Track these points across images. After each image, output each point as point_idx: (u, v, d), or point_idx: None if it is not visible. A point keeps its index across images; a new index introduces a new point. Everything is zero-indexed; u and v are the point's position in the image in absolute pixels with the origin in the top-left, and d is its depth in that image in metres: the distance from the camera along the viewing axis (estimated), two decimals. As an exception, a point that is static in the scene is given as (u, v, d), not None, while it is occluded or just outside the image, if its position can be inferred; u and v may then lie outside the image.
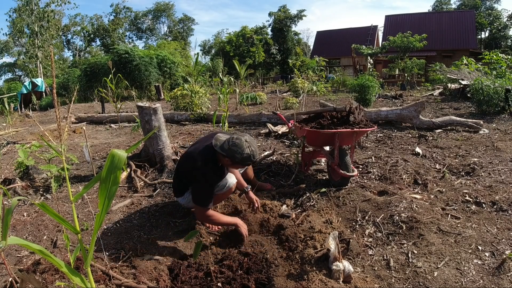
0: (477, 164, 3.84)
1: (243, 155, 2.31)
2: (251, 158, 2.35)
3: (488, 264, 2.08)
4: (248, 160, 2.34)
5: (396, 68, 20.30)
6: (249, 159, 2.34)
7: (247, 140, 2.35)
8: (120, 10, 44.28)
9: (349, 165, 3.21)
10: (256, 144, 2.42)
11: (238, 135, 2.39)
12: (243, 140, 2.34)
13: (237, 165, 2.45)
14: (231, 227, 2.57)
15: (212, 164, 2.43)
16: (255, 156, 2.37)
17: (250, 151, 2.33)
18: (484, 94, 7.40)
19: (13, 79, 33.46)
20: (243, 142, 2.33)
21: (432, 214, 2.66)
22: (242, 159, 2.32)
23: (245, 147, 2.32)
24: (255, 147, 2.38)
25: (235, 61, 11.89)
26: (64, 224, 1.33)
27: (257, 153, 2.38)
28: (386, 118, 6.63)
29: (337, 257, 2.00)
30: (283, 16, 38.35)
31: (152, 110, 4.10)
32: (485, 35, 43.60)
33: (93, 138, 6.85)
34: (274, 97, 14.07)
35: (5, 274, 2.17)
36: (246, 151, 2.31)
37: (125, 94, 17.11)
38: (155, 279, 2.06)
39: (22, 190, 3.60)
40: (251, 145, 2.35)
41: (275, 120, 7.08)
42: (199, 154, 2.45)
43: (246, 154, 2.31)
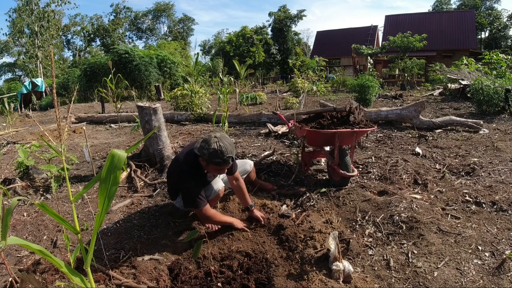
0: (477, 164, 3.84)
1: (209, 150, 2.17)
2: (219, 154, 2.17)
3: (488, 264, 2.08)
4: (216, 156, 2.17)
5: (396, 68, 20.31)
6: (216, 155, 2.17)
7: (216, 136, 2.22)
8: (120, 10, 44.30)
9: (349, 165, 3.21)
10: (230, 142, 2.26)
11: (213, 132, 2.32)
12: (212, 136, 2.22)
13: (210, 165, 2.26)
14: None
15: (193, 169, 2.34)
16: (223, 153, 2.17)
17: (217, 146, 2.16)
18: (484, 94, 7.40)
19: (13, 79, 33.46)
20: (211, 137, 2.21)
21: (432, 214, 2.66)
22: (209, 155, 2.17)
23: (212, 142, 2.18)
24: (227, 143, 2.21)
25: (235, 61, 11.89)
26: (64, 224, 1.33)
27: (228, 150, 2.19)
28: (386, 118, 6.63)
29: (337, 257, 2.00)
30: (283, 16, 38.36)
31: (152, 110, 4.10)
32: (485, 35, 43.61)
33: (93, 138, 6.85)
34: (274, 97, 14.07)
35: (5, 274, 2.17)
36: (213, 146, 2.16)
37: (125, 94, 17.11)
38: (155, 279, 2.06)
39: (22, 190, 3.60)
40: (221, 140, 2.19)
41: (275, 120, 7.08)
42: (182, 159, 2.41)
43: (212, 149, 2.16)
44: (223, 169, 2.32)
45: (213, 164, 2.21)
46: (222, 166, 2.23)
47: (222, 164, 2.20)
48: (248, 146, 5.37)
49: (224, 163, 2.21)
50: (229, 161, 2.21)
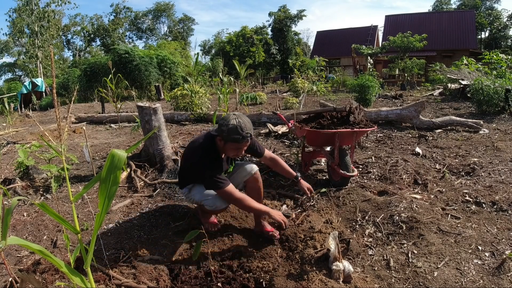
0: (477, 164, 3.84)
1: (228, 126, 2.10)
2: (238, 130, 2.09)
3: (488, 264, 2.08)
4: (235, 132, 2.10)
5: (396, 68, 20.31)
6: (236, 130, 2.09)
7: (235, 113, 2.19)
8: (120, 10, 44.29)
9: (349, 165, 3.21)
10: (249, 120, 2.19)
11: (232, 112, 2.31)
12: (230, 114, 2.18)
13: (229, 144, 2.18)
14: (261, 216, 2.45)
15: (209, 152, 2.27)
16: (242, 128, 2.10)
17: (236, 122, 2.11)
18: (484, 94, 7.40)
19: (13, 79, 33.46)
20: (230, 115, 2.16)
21: (432, 214, 2.66)
22: (228, 131, 2.10)
23: (231, 118, 2.13)
24: (246, 121, 2.15)
25: (235, 61, 11.89)
26: (64, 224, 1.33)
27: (247, 126, 2.12)
28: (386, 118, 6.63)
29: (337, 257, 2.00)
30: (283, 16, 38.36)
31: (152, 110, 4.10)
32: (485, 35, 43.61)
33: (93, 138, 6.85)
34: (274, 97, 14.07)
35: (5, 274, 2.17)
36: (232, 122, 2.11)
37: (125, 94, 17.11)
38: (155, 279, 2.06)
39: (22, 190, 3.60)
40: (240, 117, 2.15)
41: (275, 120, 7.09)
42: (198, 144, 2.35)
43: (231, 125, 2.10)
44: (242, 148, 2.23)
45: (232, 141, 2.13)
46: (241, 142, 2.15)
47: (241, 140, 2.12)
48: (248, 146, 5.37)
49: (243, 140, 2.13)
50: (247, 137, 2.14)
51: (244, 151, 2.34)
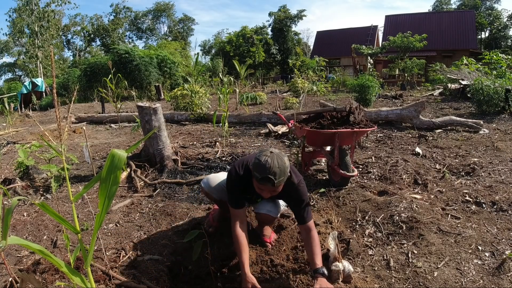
0: (477, 164, 3.84)
1: (256, 160, 1.89)
2: (260, 169, 1.84)
3: (488, 264, 2.08)
4: (257, 169, 1.87)
5: (396, 68, 20.32)
6: (258, 168, 1.86)
7: (272, 151, 1.92)
8: (120, 10, 44.27)
9: (349, 165, 3.21)
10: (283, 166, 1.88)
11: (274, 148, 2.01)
12: (268, 150, 1.95)
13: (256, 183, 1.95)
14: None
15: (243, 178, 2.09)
16: (265, 170, 1.83)
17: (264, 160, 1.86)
18: (484, 94, 7.41)
19: (13, 79, 33.46)
20: (267, 150, 1.94)
21: (432, 214, 2.66)
22: (253, 165, 1.90)
23: (263, 154, 1.90)
24: (276, 164, 1.85)
25: (235, 61, 11.90)
26: (64, 224, 1.33)
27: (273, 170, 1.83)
28: (386, 118, 6.63)
29: (337, 257, 2.00)
30: (283, 16, 38.34)
31: (152, 110, 4.10)
32: (485, 35, 43.58)
33: (93, 138, 6.85)
34: (274, 97, 14.07)
35: (5, 274, 2.17)
36: (261, 158, 1.87)
37: (125, 94, 17.11)
38: (155, 279, 2.06)
39: (22, 190, 3.60)
40: (273, 158, 1.86)
41: (275, 120, 7.09)
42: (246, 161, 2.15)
43: (258, 160, 1.87)
44: (262, 189, 1.95)
45: (254, 177, 1.92)
46: (261, 184, 1.89)
47: (259, 180, 1.87)
48: (248, 146, 5.37)
49: (262, 182, 1.86)
50: (266, 181, 1.85)
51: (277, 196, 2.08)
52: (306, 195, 2.13)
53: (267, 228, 2.49)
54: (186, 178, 3.84)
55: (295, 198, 2.08)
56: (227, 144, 5.52)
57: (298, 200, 2.08)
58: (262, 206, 2.41)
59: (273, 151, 1.93)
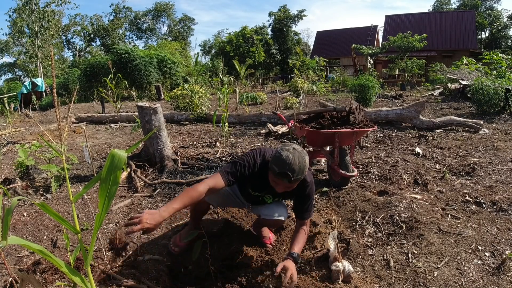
0: (477, 164, 3.84)
1: (276, 154, 1.86)
2: (279, 163, 1.81)
3: (488, 264, 2.08)
4: (276, 162, 1.83)
5: (396, 68, 20.33)
6: (278, 162, 1.82)
7: (295, 148, 1.88)
8: (120, 10, 44.27)
9: (349, 165, 3.21)
10: (303, 163, 1.85)
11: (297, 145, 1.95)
12: (291, 146, 1.90)
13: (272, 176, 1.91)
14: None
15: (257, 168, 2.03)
16: (285, 165, 1.79)
17: (285, 155, 1.81)
18: (484, 94, 7.41)
19: (13, 79, 33.46)
20: (290, 146, 1.89)
21: (432, 214, 2.66)
22: (273, 158, 1.87)
23: (285, 149, 1.85)
24: (297, 161, 1.82)
25: (235, 61, 11.89)
26: (64, 224, 1.33)
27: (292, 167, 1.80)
28: (386, 118, 6.64)
29: (337, 257, 2.00)
30: (283, 16, 38.35)
31: (152, 110, 4.10)
32: (485, 35, 43.58)
33: (93, 138, 6.85)
34: (274, 97, 14.07)
35: (5, 274, 2.17)
36: (282, 153, 1.83)
37: (125, 94, 17.11)
38: (155, 279, 2.06)
39: (22, 190, 3.60)
40: (295, 154, 1.83)
41: (275, 120, 7.09)
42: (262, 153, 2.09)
43: (279, 154, 1.83)
44: (277, 183, 1.92)
45: (271, 170, 1.88)
46: (276, 177, 1.85)
47: (276, 174, 1.84)
48: (248, 146, 5.37)
49: (278, 175, 1.83)
50: (283, 177, 1.82)
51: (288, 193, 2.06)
52: (313, 195, 2.17)
53: (265, 230, 2.47)
54: (186, 178, 3.84)
55: (304, 196, 2.09)
56: (227, 144, 5.52)
57: (306, 198, 2.10)
58: (270, 211, 2.28)
59: (295, 148, 1.89)
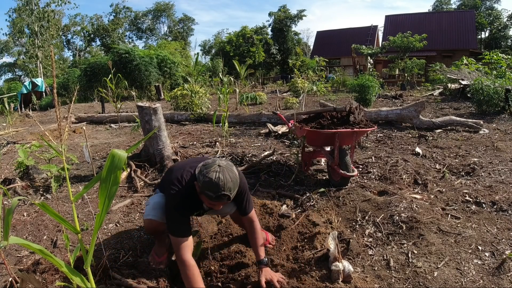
0: (477, 164, 3.84)
1: (205, 179, 1.75)
2: (213, 187, 1.73)
3: (488, 264, 2.08)
4: (209, 188, 1.74)
5: (396, 68, 20.32)
6: (211, 187, 1.74)
7: (220, 165, 1.80)
8: (120, 10, 44.27)
9: (349, 165, 3.21)
10: (235, 176, 1.81)
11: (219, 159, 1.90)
12: (215, 163, 1.81)
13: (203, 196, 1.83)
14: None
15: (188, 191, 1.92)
16: (219, 187, 1.72)
17: (215, 177, 1.73)
18: (484, 94, 7.41)
19: (13, 79, 33.46)
20: (214, 164, 1.80)
21: (432, 214, 2.66)
22: (203, 184, 1.76)
23: (212, 170, 1.77)
24: (229, 178, 1.76)
25: (235, 61, 11.90)
26: (64, 224, 1.33)
27: (227, 186, 1.74)
28: (386, 118, 6.63)
29: (337, 257, 2.00)
30: (283, 16, 38.34)
31: (152, 110, 4.10)
32: (485, 35, 43.58)
33: (93, 138, 6.85)
34: (274, 97, 14.07)
35: (5, 274, 2.17)
36: (210, 175, 1.74)
37: (125, 94, 17.11)
38: (155, 279, 2.06)
39: (22, 190, 3.60)
40: (223, 172, 1.76)
41: (275, 120, 7.09)
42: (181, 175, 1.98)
43: (208, 178, 1.74)
44: (215, 205, 1.87)
45: (205, 195, 1.80)
46: (214, 201, 1.80)
47: (214, 199, 1.78)
48: (248, 146, 5.37)
49: (217, 199, 1.78)
50: (223, 199, 1.78)
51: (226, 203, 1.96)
52: (246, 187, 2.09)
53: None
54: (186, 178, 3.84)
55: (240, 195, 2.03)
56: (227, 144, 5.52)
57: (243, 196, 2.07)
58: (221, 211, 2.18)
59: (220, 164, 1.81)
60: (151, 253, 2.25)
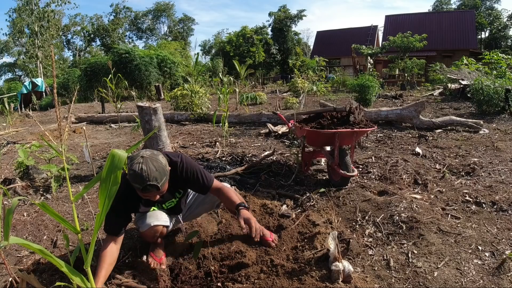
0: (477, 164, 3.84)
1: (130, 172, 1.75)
2: (138, 179, 1.73)
3: (488, 264, 2.08)
4: (135, 180, 1.74)
5: (396, 68, 20.32)
6: (135, 179, 1.73)
7: (144, 155, 1.78)
8: (120, 10, 44.31)
9: (349, 165, 3.21)
10: (161, 166, 1.80)
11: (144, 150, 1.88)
12: (138, 155, 1.79)
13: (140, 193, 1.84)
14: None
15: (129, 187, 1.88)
16: (143, 178, 1.72)
17: (138, 168, 1.72)
18: (484, 94, 7.41)
19: (13, 79, 33.46)
20: (137, 156, 1.78)
21: (432, 214, 2.66)
22: (130, 177, 1.77)
23: (135, 162, 1.75)
24: (153, 168, 1.75)
25: (235, 61, 11.90)
26: (64, 224, 1.33)
27: (152, 176, 1.73)
28: (386, 118, 6.63)
29: (337, 257, 2.00)
30: (283, 16, 38.35)
31: (152, 110, 4.10)
32: (485, 35, 43.61)
33: (93, 138, 6.85)
34: (274, 97, 14.07)
35: (5, 274, 2.17)
36: (133, 167, 1.73)
37: (125, 94, 17.11)
38: (155, 279, 2.06)
39: (22, 190, 3.60)
40: (146, 163, 1.74)
41: (275, 120, 7.09)
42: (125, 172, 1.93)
43: (132, 171, 1.74)
44: (150, 195, 1.86)
45: (136, 189, 1.81)
46: (145, 192, 1.80)
47: (142, 191, 1.78)
48: (248, 146, 5.37)
49: (145, 191, 1.77)
50: (150, 189, 1.76)
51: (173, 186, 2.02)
52: (195, 166, 2.07)
53: (261, 228, 2.44)
54: (186, 178, 3.84)
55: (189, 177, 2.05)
56: (227, 144, 5.52)
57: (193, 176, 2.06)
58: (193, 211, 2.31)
59: (143, 155, 1.79)
60: (149, 255, 2.26)
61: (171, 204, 2.26)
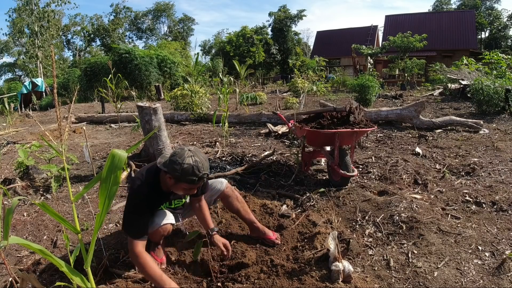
0: (477, 164, 3.84)
1: (183, 166, 1.82)
2: (194, 171, 1.83)
3: (488, 264, 2.08)
4: (190, 173, 1.83)
5: (396, 68, 20.31)
6: (192, 171, 1.83)
7: (190, 149, 1.90)
8: (120, 10, 44.27)
9: (349, 165, 3.22)
10: (205, 156, 1.94)
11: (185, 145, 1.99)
12: (185, 150, 1.89)
13: (181, 184, 1.89)
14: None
15: (150, 188, 1.96)
16: (200, 169, 1.84)
17: (193, 161, 1.83)
18: (484, 94, 7.41)
19: (13, 79, 33.46)
20: (185, 151, 1.88)
21: (432, 214, 2.66)
22: (182, 172, 1.82)
23: (186, 156, 1.84)
24: (202, 159, 1.89)
25: (235, 61, 11.90)
26: (64, 224, 1.33)
27: (204, 166, 1.87)
28: (386, 118, 6.63)
29: (337, 257, 2.00)
30: (283, 16, 38.32)
31: (152, 110, 4.10)
32: (485, 35, 43.59)
33: (93, 138, 6.85)
34: (274, 97, 14.07)
35: (5, 274, 2.17)
36: (187, 161, 1.83)
37: (125, 94, 17.10)
38: (155, 279, 2.06)
39: (22, 190, 3.60)
40: (196, 155, 1.87)
41: (275, 120, 7.09)
42: (141, 173, 2.02)
43: (186, 164, 1.82)
44: (195, 188, 1.98)
45: (187, 182, 1.86)
46: (196, 184, 1.91)
47: (196, 182, 1.88)
48: (248, 146, 5.37)
49: (200, 181, 1.89)
50: (204, 178, 1.91)
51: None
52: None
53: (262, 227, 2.45)
54: (186, 178, 3.84)
55: None
56: (227, 144, 5.52)
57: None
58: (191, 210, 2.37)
59: (190, 149, 1.90)
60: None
61: (178, 203, 2.28)
